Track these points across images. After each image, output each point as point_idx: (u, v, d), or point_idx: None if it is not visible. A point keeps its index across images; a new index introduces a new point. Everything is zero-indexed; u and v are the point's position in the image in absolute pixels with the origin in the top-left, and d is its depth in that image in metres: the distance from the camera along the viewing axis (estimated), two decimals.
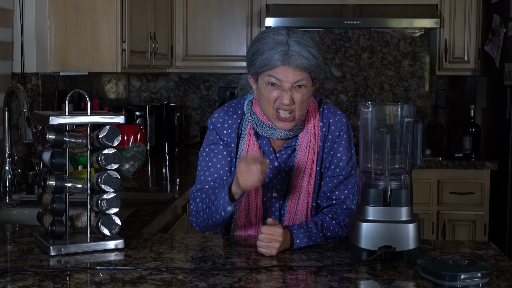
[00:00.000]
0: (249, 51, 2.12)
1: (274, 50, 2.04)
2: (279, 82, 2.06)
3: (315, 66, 2.06)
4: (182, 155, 4.71)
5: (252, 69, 2.11)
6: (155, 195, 3.15)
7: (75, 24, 3.46)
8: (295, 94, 2.07)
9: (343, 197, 2.23)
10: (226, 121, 2.23)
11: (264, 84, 2.09)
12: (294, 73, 2.05)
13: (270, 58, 2.04)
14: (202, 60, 4.66)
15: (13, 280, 1.81)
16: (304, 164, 2.19)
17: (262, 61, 2.06)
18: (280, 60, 2.03)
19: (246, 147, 2.20)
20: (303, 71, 2.05)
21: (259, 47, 2.07)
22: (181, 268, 1.91)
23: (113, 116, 2.09)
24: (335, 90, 5.01)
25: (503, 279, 1.84)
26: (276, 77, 2.05)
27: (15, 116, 3.14)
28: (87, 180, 2.10)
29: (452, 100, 4.99)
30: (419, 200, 4.29)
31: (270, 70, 2.05)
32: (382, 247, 1.94)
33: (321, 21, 4.59)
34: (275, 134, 2.16)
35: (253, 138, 2.20)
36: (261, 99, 2.12)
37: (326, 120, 2.22)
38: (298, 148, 2.19)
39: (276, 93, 2.08)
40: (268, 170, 2.02)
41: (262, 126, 2.17)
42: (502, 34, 4.43)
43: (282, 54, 2.03)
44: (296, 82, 2.05)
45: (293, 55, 2.03)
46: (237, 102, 2.27)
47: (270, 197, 2.23)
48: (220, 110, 2.26)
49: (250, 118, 2.20)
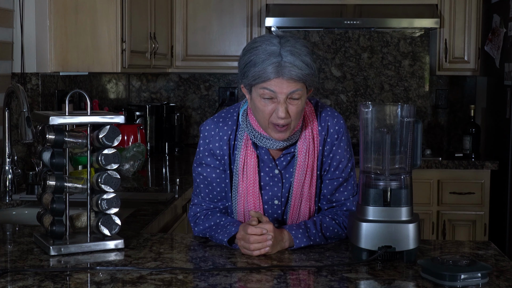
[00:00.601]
0: (241, 61, 2.07)
1: (267, 61, 1.99)
2: (274, 94, 2.02)
3: (309, 76, 2.03)
4: (182, 155, 4.71)
5: (245, 81, 2.06)
6: (155, 195, 3.15)
7: (75, 24, 3.46)
8: (290, 106, 2.03)
9: (343, 199, 2.22)
10: (217, 133, 2.19)
11: (258, 96, 2.05)
12: (288, 84, 2.01)
13: (263, 70, 2.00)
14: (202, 60, 4.66)
15: (13, 280, 1.81)
16: (305, 169, 2.17)
17: (255, 73, 2.01)
18: (274, 72, 1.99)
19: (243, 158, 2.17)
20: (297, 81, 2.01)
21: (251, 58, 2.03)
22: (181, 268, 1.91)
23: (113, 116, 2.09)
24: (335, 90, 5.01)
25: (503, 279, 1.84)
26: (270, 89, 2.01)
27: (15, 116, 3.14)
28: (87, 180, 2.10)
29: (452, 100, 4.99)
30: (419, 200, 4.29)
31: (264, 82, 2.01)
32: (382, 247, 1.94)
33: (321, 21, 4.59)
34: (273, 145, 2.14)
35: (250, 149, 2.17)
36: (256, 111, 2.09)
37: (324, 124, 2.19)
38: (298, 154, 2.17)
39: (271, 106, 2.04)
40: (269, 236, 2.04)
41: (259, 137, 2.14)
42: (502, 34, 4.43)
43: (275, 66, 1.99)
44: (290, 93, 2.01)
45: (286, 67, 1.99)
46: (227, 111, 2.23)
47: (271, 204, 2.22)
48: (211, 122, 2.21)
49: (247, 129, 2.16)
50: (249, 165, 2.17)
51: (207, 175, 2.22)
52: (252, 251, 2.02)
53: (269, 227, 2.02)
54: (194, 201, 2.27)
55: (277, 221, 2.22)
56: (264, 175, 2.20)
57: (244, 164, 2.17)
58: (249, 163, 2.17)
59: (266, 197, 2.21)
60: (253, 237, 2.00)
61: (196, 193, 2.27)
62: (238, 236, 2.05)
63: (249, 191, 2.18)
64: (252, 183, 2.17)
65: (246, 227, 2.02)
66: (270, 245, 2.02)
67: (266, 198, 2.21)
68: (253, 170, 2.17)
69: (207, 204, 2.25)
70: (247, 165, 2.17)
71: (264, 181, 2.20)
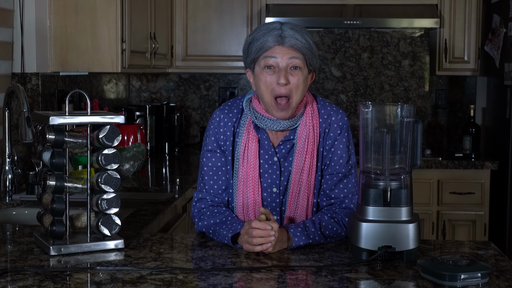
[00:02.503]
0: (245, 44, 2.21)
1: (268, 34, 2.14)
2: (275, 61, 2.13)
3: (309, 50, 2.15)
4: (182, 155, 4.71)
5: (248, 58, 2.19)
6: (155, 195, 3.15)
7: (75, 24, 3.46)
8: (291, 77, 2.14)
9: (342, 196, 2.24)
10: (222, 119, 2.27)
11: (260, 69, 2.16)
12: (288, 51, 2.13)
13: (264, 41, 2.14)
14: (202, 60, 4.66)
15: (13, 280, 1.81)
16: (304, 155, 2.21)
17: (257, 46, 2.15)
18: (275, 41, 2.13)
19: (244, 142, 2.23)
20: (297, 51, 2.14)
21: (253, 35, 2.18)
22: (181, 268, 1.91)
23: (113, 116, 2.09)
24: (335, 90, 5.01)
25: (503, 279, 1.84)
26: (271, 56, 2.13)
27: (15, 116, 3.14)
28: (87, 180, 2.10)
29: (452, 100, 4.99)
30: (419, 200, 4.29)
31: (266, 51, 2.14)
32: (382, 247, 1.94)
33: (321, 21, 4.59)
34: (274, 125, 2.20)
35: (252, 132, 2.23)
36: (259, 86, 2.18)
37: (327, 117, 2.25)
38: (297, 140, 2.22)
39: (273, 76, 2.15)
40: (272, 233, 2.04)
41: (261, 118, 2.21)
42: (502, 34, 4.43)
43: (276, 36, 2.13)
44: (291, 59, 2.13)
45: (286, 37, 2.13)
46: (233, 101, 2.32)
47: (270, 192, 2.24)
48: (217, 110, 2.32)
49: (249, 112, 2.24)
50: (250, 150, 2.23)
51: (214, 162, 2.27)
52: (254, 246, 2.02)
53: (275, 226, 2.03)
54: (199, 196, 2.28)
55: (276, 211, 2.25)
56: (263, 162, 2.24)
57: (245, 149, 2.23)
58: (250, 148, 2.23)
59: (265, 184, 2.24)
60: (256, 231, 2.01)
61: (200, 187, 2.30)
62: (243, 231, 2.06)
63: (248, 176, 2.22)
64: (253, 168, 2.22)
65: (251, 222, 2.04)
66: (272, 241, 2.02)
67: (265, 185, 2.24)
68: (254, 155, 2.23)
69: (212, 197, 2.26)
70: (248, 149, 2.23)
71: (263, 168, 2.24)
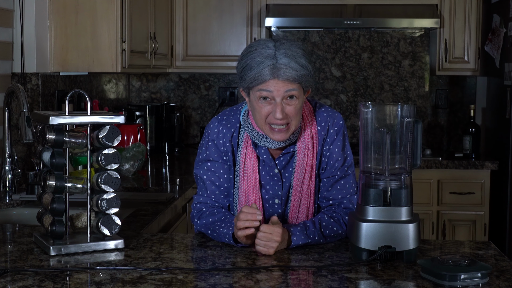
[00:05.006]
0: (239, 66, 2.13)
1: (263, 64, 2.05)
2: (270, 94, 2.07)
3: (305, 76, 2.08)
4: (182, 155, 4.71)
5: (243, 84, 2.13)
6: (155, 195, 3.15)
7: (75, 24, 3.46)
8: (287, 107, 2.09)
9: (340, 197, 2.24)
10: (221, 131, 2.25)
11: (256, 98, 2.11)
12: (283, 84, 2.06)
13: (259, 72, 2.06)
14: (202, 60, 4.66)
15: (13, 280, 1.81)
16: (304, 168, 2.20)
17: (251, 76, 2.07)
18: (269, 74, 2.05)
19: (243, 157, 2.21)
20: (293, 82, 2.07)
21: (247, 62, 2.09)
22: (181, 268, 1.91)
23: (113, 116, 2.09)
24: (335, 90, 5.01)
25: (503, 279, 1.84)
26: (266, 89, 2.07)
27: (15, 116, 3.14)
28: (87, 180, 2.10)
29: (452, 100, 4.99)
30: (419, 200, 4.29)
31: (260, 84, 2.07)
32: (382, 247, 1.94)
33: (321, 21, 4.59)
34: (272, 144, 2.18)
35: (250, 148, 2.21)
36: (254, 113, 2.14)
37: (325, 124, 2.23)
38: (297, 153, 2.21)
39: (268, 107, 2.10)
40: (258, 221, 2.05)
41: (259, 137, 2.19)
42: (502, 34, 4.43)
43: (270, 68, 2.05)
44: (286, 92, 2.07)
45: (281, 68, 2.05)
46: (230, 110, 2.29)
47: (272, 204, 2.25)
48: (215, 120, 2.28)
49: (247, 129, 2.21)
50: (249, 164, 2.21)
51: (216, 170, 2.25)
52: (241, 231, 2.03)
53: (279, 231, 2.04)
54: (200, 199, 2.27)
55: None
56: (264, 174, 2.23)
57: (244, 163, 2.21)
58: (249, 162, 2.21)
59: (267, 196, 2.24)
60: (243, 214, 2.02)
61: (201, 192, 2.28)
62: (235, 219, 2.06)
63: (249, 190, 2.21)
64: (253, 182, 2.21)
65: (248, 207, 2.04)
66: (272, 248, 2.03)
67: (266, 197, 2.24)
68: (253, 169, 2.21)
69: (213, 201, 2.26)
70: (247, 164, 2.21)
71: (264, 180, 2.23)
